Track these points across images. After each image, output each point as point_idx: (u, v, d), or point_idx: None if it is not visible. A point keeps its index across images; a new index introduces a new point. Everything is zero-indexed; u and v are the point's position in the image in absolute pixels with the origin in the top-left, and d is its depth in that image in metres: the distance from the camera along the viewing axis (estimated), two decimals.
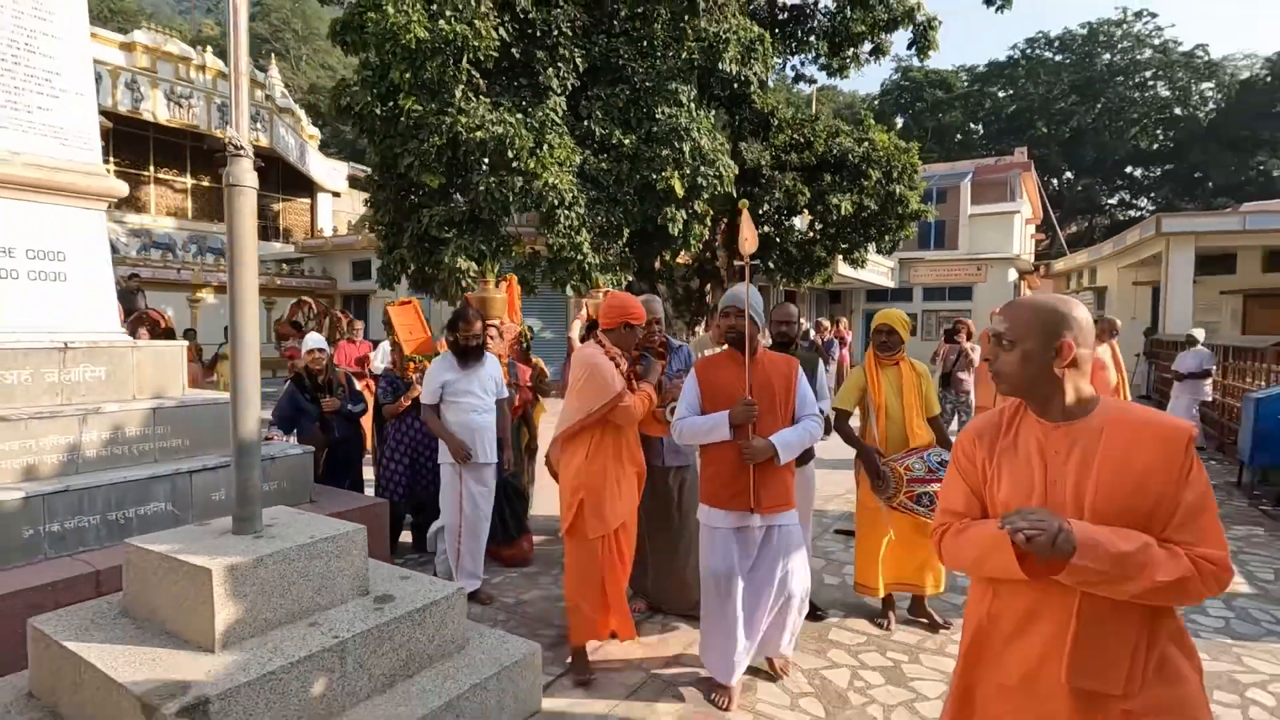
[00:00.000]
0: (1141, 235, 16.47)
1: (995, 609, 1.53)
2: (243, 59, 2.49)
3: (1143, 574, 1.32)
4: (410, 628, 2.57)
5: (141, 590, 2.42)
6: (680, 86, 10.00)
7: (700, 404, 2.87)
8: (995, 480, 1.56)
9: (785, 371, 2.90)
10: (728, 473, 2.78)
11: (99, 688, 2.11)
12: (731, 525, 2.80)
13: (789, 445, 2.77)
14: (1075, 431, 1.48)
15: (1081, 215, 48.43)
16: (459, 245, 9.53)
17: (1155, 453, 1.40)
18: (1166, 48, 43.32)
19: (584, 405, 3.02)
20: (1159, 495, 1.39)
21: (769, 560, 2.82)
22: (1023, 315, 1.52)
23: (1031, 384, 1.51)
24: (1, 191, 3.59)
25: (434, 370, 3.95)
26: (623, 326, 3.10)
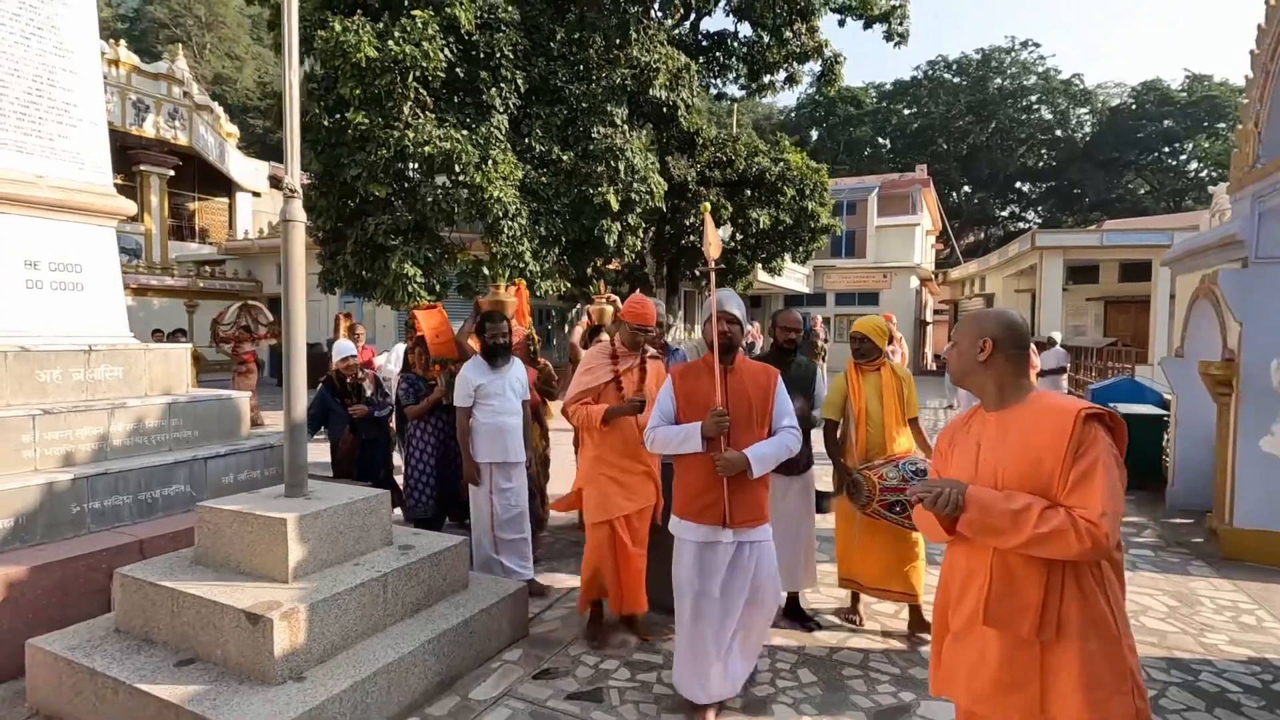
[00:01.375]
0: (1020, 248, 18.52)
1: (948, 574, 1.86)
2: (295, 114, 3.16)
3: (1024, 526, 1.59)
4: (429, 568, 3.29)
5: (215, 542, 3.04)
6: (614, 109, 10.85)
7: (675, 412, 2.81)
8: (949, 464, 1.88)
9: (764, 382, 2.80)
10: (699, 485, 2.69)
11: (200, 610, 2.74)
12: (702, 539, 2.71)
13: (764, 458, 2.65)
14: (1006, 419, 1.77)
15: (978, 226, 52.22)
16: (405, 252, 10.03)
17: (1048, 432, 1.66)
18: (1048, 75, 47.50)
19: (578, 385, 3.49)
20: (1051, 468, 1.63)
21: (740, 577, 2.71)
22: (963, 322, 1.89)
23: (964, 375, 1.86)
24: (29, 211, 4.03)
25: (466, 374, 4.07)
26: (631, 326, 3.42)
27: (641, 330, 3.45)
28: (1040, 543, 1.59)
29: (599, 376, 3.45)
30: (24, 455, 3.66)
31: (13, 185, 3.95)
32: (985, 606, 1.69)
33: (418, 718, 2.83)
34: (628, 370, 3.48)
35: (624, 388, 3.44)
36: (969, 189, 51.34)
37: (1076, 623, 1.63)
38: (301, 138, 10.50)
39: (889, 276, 24.84)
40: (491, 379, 4.06)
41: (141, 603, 2.92)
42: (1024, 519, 1.60)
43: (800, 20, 12.95)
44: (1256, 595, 4.26)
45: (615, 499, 3.34)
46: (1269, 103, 4.81)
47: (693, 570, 2.72)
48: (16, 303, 4.00)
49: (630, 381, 3.47)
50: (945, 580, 1.88)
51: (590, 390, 3.44)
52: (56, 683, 2.80)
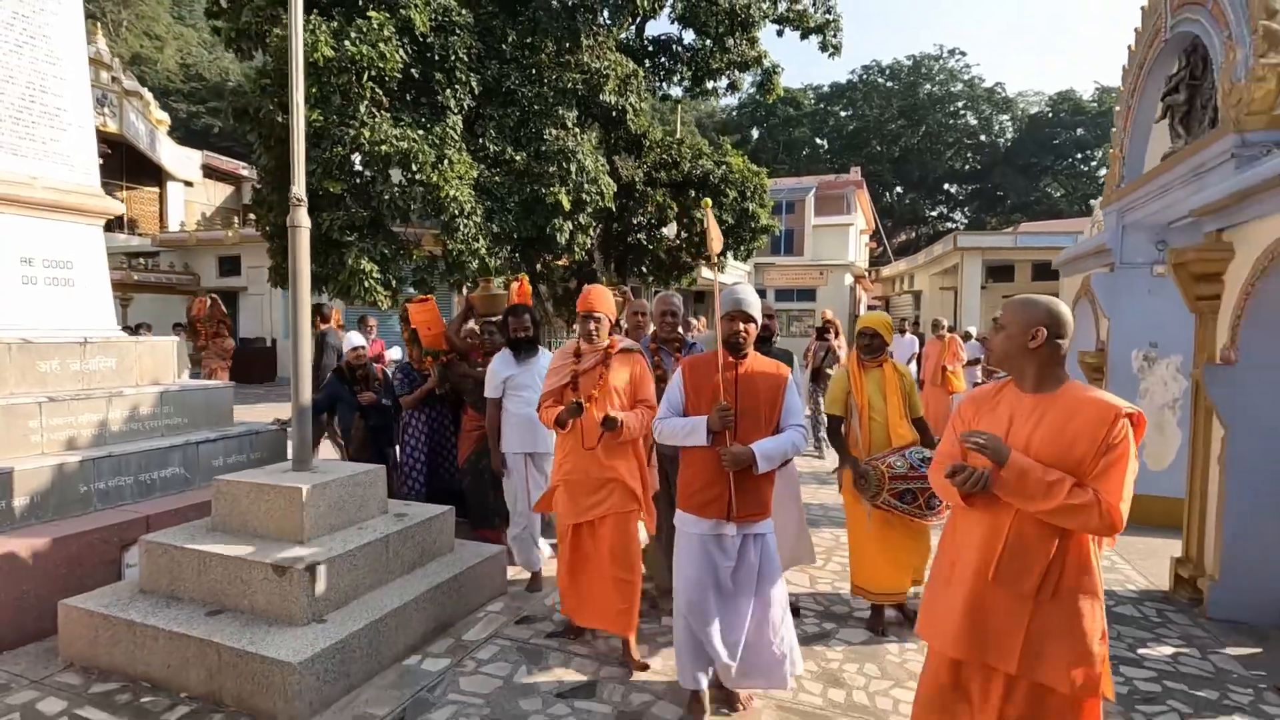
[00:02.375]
0: (944, 249, 19.82)
1: (960, 534, 2.04)
2: (300, 130, 3.56)
3: (1057, 495, 1.78)
4: (422, 531, 3.76)
5: (232, 510, 3.43)
6: (565, 112, 11.29)
7: (684, 405, 2.82)
8: (976, 429, 2.00)
9: (774, 380, 2.80)
10: (704, 478, 2.71)
11: (228, 567, 3.15)
12: (706, 532, 2.72)
13: (770, 454, 2.66)
14: (1042, 402, 1.92)
15: (909, 225, 54.55)
16: (361, 248, 10.26)
17: (1088, 422, 1.83)
18: (973, 83, 50.00)
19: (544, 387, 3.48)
20: (1082, 455, 1.82)
21: (745, 571, 2.73)
22: (1014, 307, 1.98)
23: (1007, 357, 1.99)
24: (24, 211, 4.27)
25: (495, 366, 4.13)
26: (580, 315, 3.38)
27: (590, 319, 3.32)
28: (1066, 513, 1.80)
29: (560, 377, 3.36)
30: (31, 439, 3.94)
31: (9, 187, 4.18)
32: (996, 566, 1.88)
33: (420, 655, 3.31)
34: (587, 369, 3.33)
35: (580, 387, 3.30)
36: (901, 190, 53.52)
37: (1070, 585, 1.86)
38: (254, 133, 10.65)
39: (825, 274, 26.01)
40: (520, 370, 4.09)
41: (167, 565, 3.30)
42: (1058, 489, 1.79)
43: (741, 31, 13.64)
44: (1120, 544, 5.10)
45: (575, 502, 3.27)
46: (1130, 132, 5.68)
47: (696, 562, 2.72)
48: (14, 298, 4.24)
49: (589, 380, 3.30)
50: (950, 536, 2.07)
51: (553, 391, 3.37)
52: (92, 636, 3.15)
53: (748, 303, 2.78)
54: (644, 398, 3.33)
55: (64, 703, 2.88)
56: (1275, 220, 3.34)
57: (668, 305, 3.91)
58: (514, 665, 3.24)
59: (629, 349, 3.42)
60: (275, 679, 2.74)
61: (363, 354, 4.94)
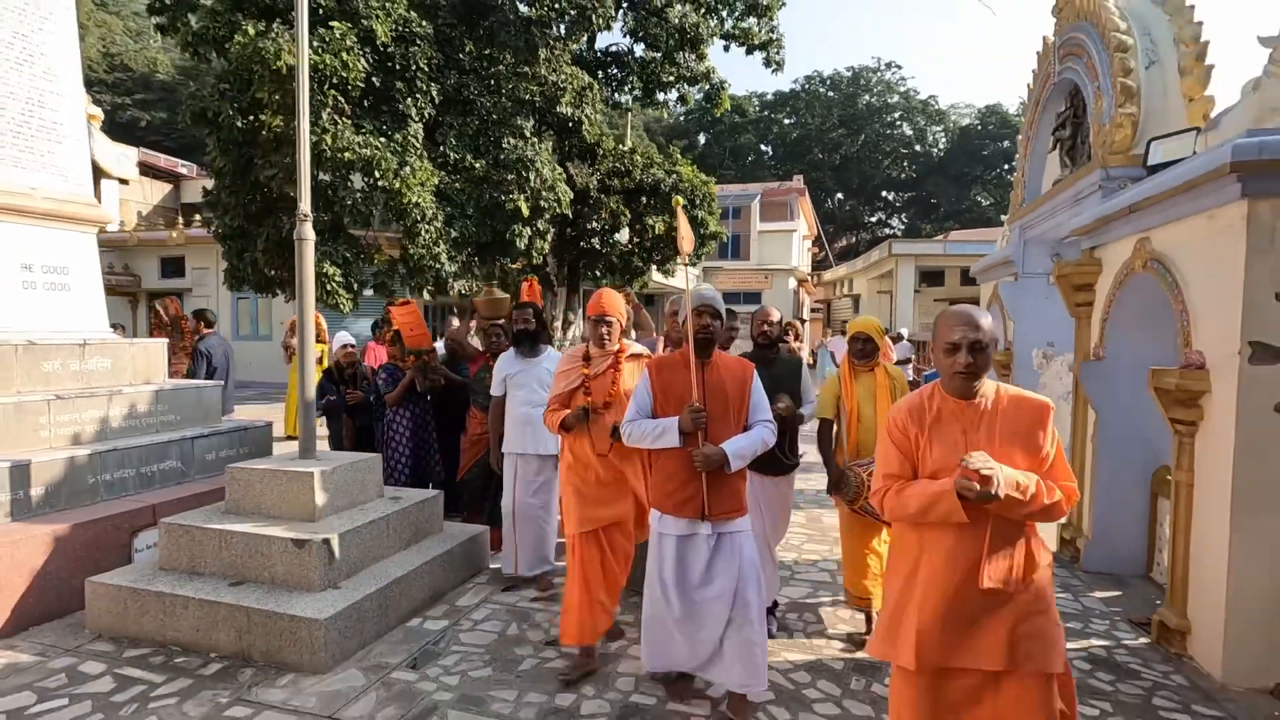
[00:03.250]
0: (880, 255, 21.00)
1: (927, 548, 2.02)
2: (305, 152, 3.97)
3: (1038, 500, 1.88)
4: (416, 512, 4.20)
5: (245, 494, 3.81)
6: (523, 122, 11.73)
7: (652, 406, 2.81)
8: (927, 451, 2.02)
9: (740, 376, 2.82)
10: (678, 478, 2.71)
11: (249, 543, 3.53)
12: (681, 532, 2.73)
13: (741, 453, 2.68)
14: (978, 407, 2.01)
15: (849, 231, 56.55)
16: (324, 252, 10.45)
17: (1033, 421, 1.97)
18: (909, 95, 52.28)
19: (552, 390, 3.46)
20: (1037, 449, 1.96)
21: (721, 569, 2.71)
22: (985, 323, 2.01)
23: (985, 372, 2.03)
24: (25, 220, 4.52)
25: (499, 364, 4.19)
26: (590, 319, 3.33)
27: (602, 323, 3.27)
28: (1047, 511, 1.93)
29: (569, 381, 3.33)
30: (40, 434, 4.21)
31: (11, 197, 4.43)
32: (988, 570, 1.92)
33: (421, 617, 3.77)
34: (598, 374, 3.29)
35: (593, 392, 3.27)
36: (841, 196, 55.46)
37: (1032, 573, 1.97)
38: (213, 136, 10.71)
39: (770, 278, 27.01)
40: (521, 369, 4.10)
41: (188, 544, 3.66)
42: (1038, 495, 1.89)
43: (690, 48, 14.32)
44: None
45: (585, 510, 3.21)
46: (1029, 159, 6.52)
47: (671, 562, 2.73)
48: (15, 302, 4.48)
49: (601, 385, 3.27)
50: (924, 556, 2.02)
51: (560, 396, 3.34)
52: (121, 609, 3.50)
53: (715, 299, 2.84)
54: None
55: (103, 665, 3.23)
56: (1129, 241, 4.11)
57: (678, 307, 3.98)
58: (505, 623, 3.72)
59: (639, 354, 3.39)
60: (303, 634, 3.17)
61: (353, 353, 5.25)
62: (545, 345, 4.26)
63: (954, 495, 1.88)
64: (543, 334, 4.24)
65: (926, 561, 2.01)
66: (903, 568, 2.08)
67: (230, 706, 2.89)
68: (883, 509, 2.10)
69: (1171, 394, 3.41)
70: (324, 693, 3.00)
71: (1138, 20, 4.68)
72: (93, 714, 2.83)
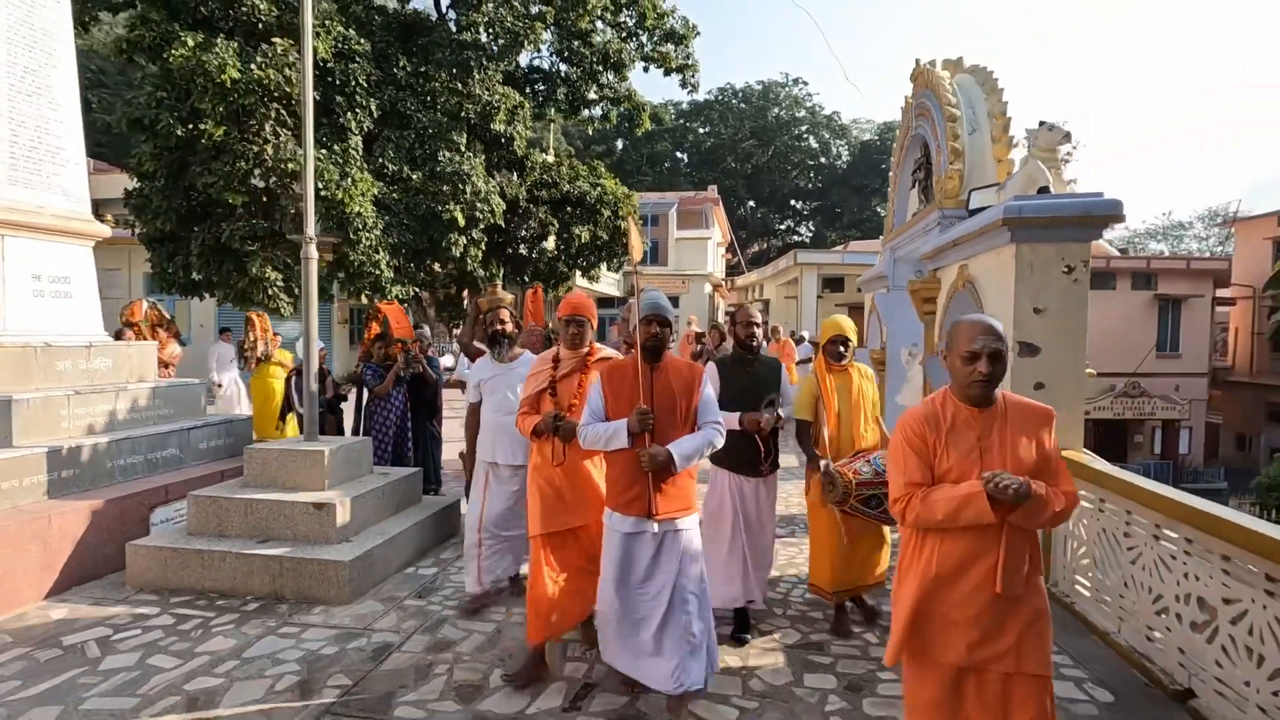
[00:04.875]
0: (787, 263, 22.77)
1: (940, 556, 2.07)
2: (310, 178, 4.77)
3: (1050, 507, 1.96)
4: (403, 484, 5.07)
5: (262, 470, 4.57)
6: (457, 137, 12.49)
7: (605, 409, 2.88)
8: (943, 455, 2.08)
9: (688, 378, 2.89)
10: (627, 478, 2.79)
11: (272, 508, 4.32)
12: (629, 530, 2.81)
13: (686, 454, 2.75)
14: (992, 414, 2.08)
15: (761, 237, 59.14)
16: (265, 258, 10.88)
17: (1040, 427, 2.07)
18: (814, 110, 55.36)
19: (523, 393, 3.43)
20: (1044, 455, 2.04)
21: (663, 566, 2.80)
22: (1002, 334, 2.06)
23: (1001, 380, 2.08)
24: (35, 235, 5.06)
25: (474, 368, 4.12)
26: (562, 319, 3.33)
27: (573, 324, 3.28)
28: (1056, 518, 1.98)
29: (538, 383, 3.34)
30: (61, 426, 4.79)
31: (23, 214, 4.97)
32: (1002, 576, 1.98)
33: (413, 567, 4.65)
34: (566, 375, 3.30)
35: (559, 394, 3.27)
36: (753, 204, 57.93)
37: (1033, 579, 2.05)
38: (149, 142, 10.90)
39: (687, 283, 28.50)
40: (494, 375, 4.00)
41: (215, 511, 4.40)
42: (1050, 502, 1.96)
43: (613, 71, 15.43)
44: None
45: (549, 512, 3.20)
46: (898, 191, 7.97)
47: (621, 558, 2.82)
48: (28, 308, 5.02)
49: (568, 388, 3.28)
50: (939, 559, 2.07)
51: (529, 398, 3.34)
52: (161, 566, 4.21)
53: (663, 307, 2.92)
54: None
55: (156, 608, 3.96)
56: (955, 266, 5.47)
57: (629, 314, 4.10)
58: None
59: (609, 357, 3.36)
60: (330, 574, 4.01)
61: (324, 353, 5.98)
62: (524, 351, 4.16)
63: (983, 497, 1.92)
64: (518, 337, 4.16)
65: (941, 566, 2.06)
66: (917, 573, 2.12)
67: (280, 628, 3.72)
68: (903, 517, 2.12)
69: None
70: (354, 615, 3.87)
71: (965, 94, 6.11)
72: (166, 638, 3.59)
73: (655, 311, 2.90)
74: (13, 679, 3.14)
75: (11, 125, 4.92)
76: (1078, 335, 4.35)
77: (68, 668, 3.26)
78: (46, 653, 3.42)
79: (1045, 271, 4.33)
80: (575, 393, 3.26)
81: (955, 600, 2.05)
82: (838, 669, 3.35)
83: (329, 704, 2.96)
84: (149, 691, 3.05)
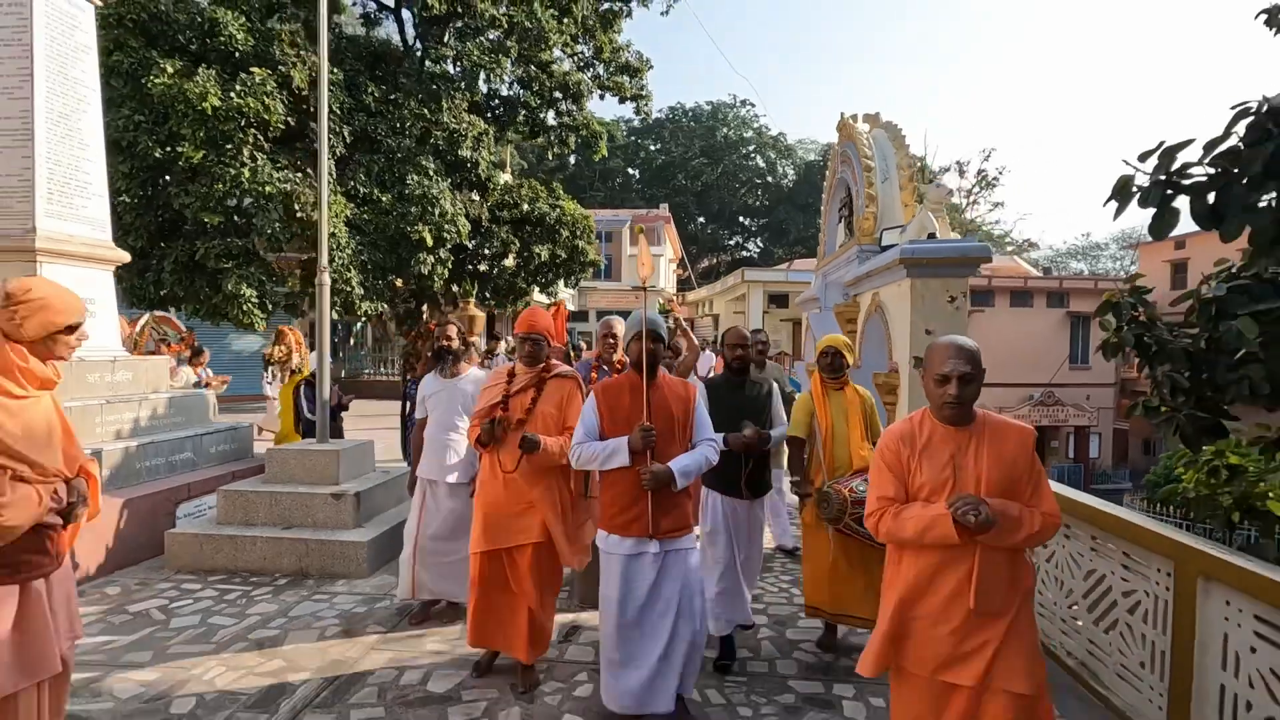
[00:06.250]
0: (735, 280, 24.04)
1: (917, 569, 2.13)
2: (325, 208, 5.53)
3: (1022, 529, 2.01)
4: (401, 480, 5.82)
5: (280, 469, 5.28)
6: (426, 162, 13.22)
7: (600, 428, 2.84)
8: (916, 471, 2.14)
9: (683, 396, 2.89)
10: (626, 498, 2.77)
11: (294, 500, 5.04)
12: (629, 551, 2.78)
13: (686, 471, 2.75)
14: (968, 433, 2.12)
15: (711, 253, 60.71)
16: (241, 275, 11.38)
17: (1017, 447, 2.10)
18: (761, 131, 57.43)
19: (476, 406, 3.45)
20: (1021, 475, 2.08)
21: (667, 587, 2.78)
22: (975, 356, 2.09)
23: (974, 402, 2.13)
24: (67, 261, 5.66)
25: (421, 385, 4.11)
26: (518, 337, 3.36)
27: (528, 340, 3.28)
28: (1031, 539, 2.03)
29: (491, 397, 3.33)
30: (96, 431, 5.40)
31: (57, 243, 5.57)
32: (976, 595, 2.01)
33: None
34: (520, 390, 3.30)
35: (510, 409, 3.26)
36: (703, 220, 59.49)
37: (1018, 598, 2.07)
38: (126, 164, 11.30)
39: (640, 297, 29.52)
40: (437, 390, 4.01)
41: (242, 503, 5.10)
42: (1022, 524, 2.01)
43: (571, 100, 16.38)
44: None
45: (490, 529, 3.21)
46: (829, 222, 9.12)
47: (622, 581, 2.78)
48: None
49: (519, 403, 3.27)
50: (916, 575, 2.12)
51: (482, 411, 3.32)
52: (197, 550, 4.89)
53: (656, 323, 2.90)
54: (570, 425, 3.22)
55: (199, 584, 4.64)
56: (870, 294, 6.56)
57: (608, 328, 4.28)
58: None
59: (564, 374, 3.38)
60: (350, 553, 4.77)
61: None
62: (470, 367, 4.17)
63: (949, 520, 1.98)
64: (465, 354, 4.16)
65: (918, 581, 2.11)
66: (898, 585, 2.16)
67: (313, 595, 4.46)
68: (877, 531, 2.18)
69: (883, 385, 5.80)
70: (374, 585, 4.64)
71: (879, 147, 7.26)
72: (217, 604, 4.30)
73: (648, 327, 2.88)
74: (100, 636, 3.82)
75: (49, 166, 5.53)
76: None
77: (142, 627, 3.95)
78: (118, 618, 4.09)
79: (934, 300, 5.43)
80: (525, 407, 3.27)
81: (933, 612, 2.09)
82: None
83: (373, 641, 3.75)
84: (220, 640, 3.78)
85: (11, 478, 2.07)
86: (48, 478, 2.18)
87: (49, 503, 2.15)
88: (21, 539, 2.10)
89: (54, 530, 2.20)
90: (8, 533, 2.05)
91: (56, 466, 2.22)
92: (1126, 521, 3.13)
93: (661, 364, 3.03)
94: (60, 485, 2.23)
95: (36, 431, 2.18)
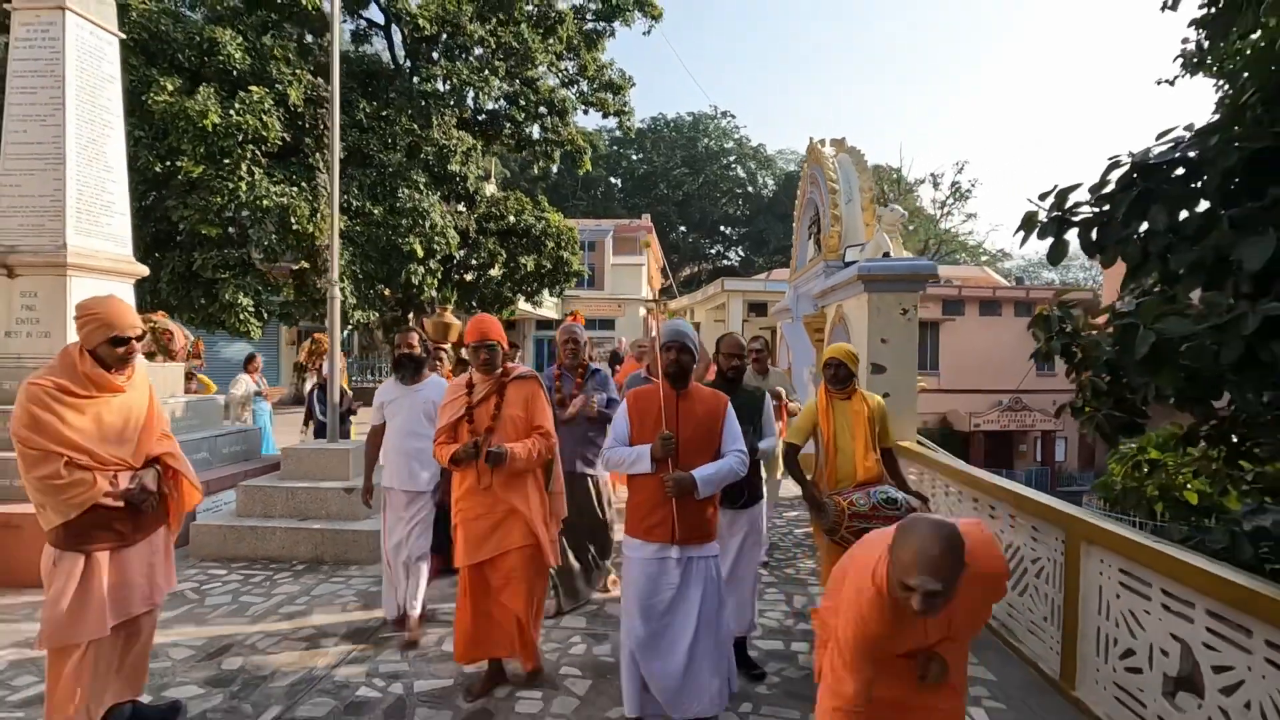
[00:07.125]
0: (715, 290, 24.70)
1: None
2: (336, 222, 6.03)
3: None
4: None
5: (296, 466, 5.76)
6: (416, 176, 13.72)
7: (629, 435, 2.90)
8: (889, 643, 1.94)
9: (714, 407, 2.92)
10: (650, 504, 2.81)
11: (310, 494, 5.52)
12: (651, 555, 2.82)
13: (709, 480, 2.76)
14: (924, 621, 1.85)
15: (692, 261, 61.45)
16: (238, 285, 11.79)
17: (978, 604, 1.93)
18: (741, 142, 58.42)
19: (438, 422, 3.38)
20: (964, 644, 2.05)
21: (690, 593, 2.80)
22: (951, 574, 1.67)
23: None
24: (92, 275, 6.11)
25: (378, 391, 4.06)
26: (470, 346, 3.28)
27: (482, 349, 3.25)
28: None
29: (454, 411, 3.31)
30: None
31: (85, 258, 6.02)
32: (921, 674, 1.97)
33: None
34: (482, 400, 3.28)
35: (476, 420, 3.25)
36: (684, 229, 60.31)
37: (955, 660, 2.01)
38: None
39: (622, 306, 30.12)
40: (397, 396, 3.97)
41: (260, 497, 5.57)
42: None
43: (557, 116, 16.97)
44: None
45: (473, 542, 3.22)
46: (800, 238, 9.75)
47: (644, 585, 2.81)
48: None
49: (484, 413, 3.27)
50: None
51: (445, 428, 3.30)
52: (220, 540, 5.35)
53: (684, 334, 2.94)
54: (538, 425, 3.29)
55: (224, 570, 5.11)
56: (835, 305, 7.18)
57: (569, 334, 4.36)
58: None
59: (524, 376, 3.38)
60: (363, 541, 5.26)
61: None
62: (431, 374, 4.17)
63: None
64: (427, 361, 4.15)
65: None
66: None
67: (330, 578, 4.95)
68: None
69: None
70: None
71: (843, 170, 7.91)
72: (244, 586, 4.77)
73: (676, 338, 2.92)
74: None
75: (78, 187, 5.98)
76: (910, 358, 6.09)
77: (179, 605, 4.42)
78: None
79: (888, 313, 6.05)
80: (491, 416, 3.25)
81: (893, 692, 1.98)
82: None
83: None
84: (254, 614, 4.26)
85: (66, 464, 2.49)
86: (106, 466, 2.57)
87: (104, 486, 2.55)
88: (88, 516, 2.52)
89: (116, 512, 2.60)
90: (65, 506, 2.48)
91: (118, 457, 2.62)
92: (1024, 497, 3.76)
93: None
94: (123, 474, 2.63)
95: (105, 427, 2.59)
